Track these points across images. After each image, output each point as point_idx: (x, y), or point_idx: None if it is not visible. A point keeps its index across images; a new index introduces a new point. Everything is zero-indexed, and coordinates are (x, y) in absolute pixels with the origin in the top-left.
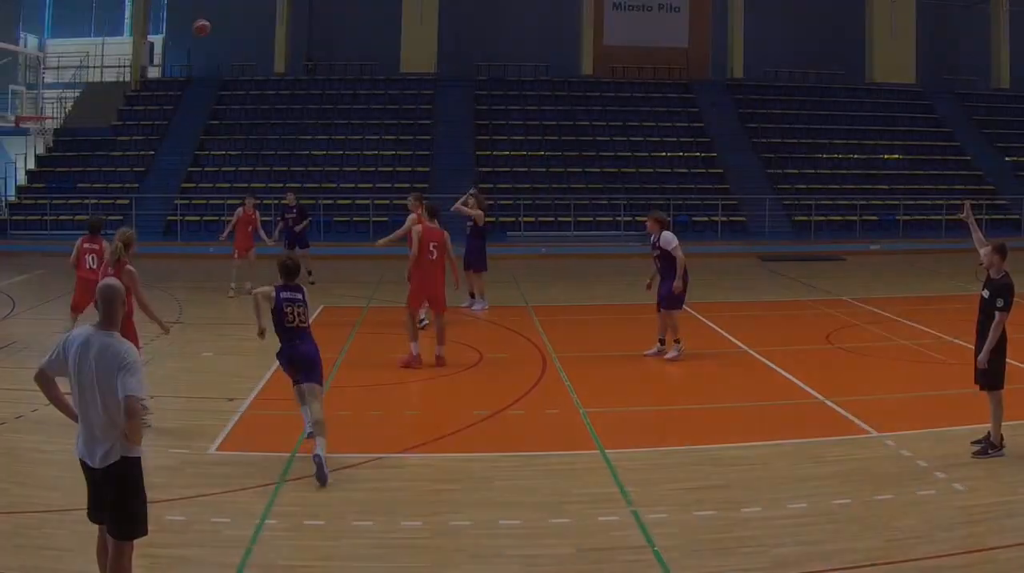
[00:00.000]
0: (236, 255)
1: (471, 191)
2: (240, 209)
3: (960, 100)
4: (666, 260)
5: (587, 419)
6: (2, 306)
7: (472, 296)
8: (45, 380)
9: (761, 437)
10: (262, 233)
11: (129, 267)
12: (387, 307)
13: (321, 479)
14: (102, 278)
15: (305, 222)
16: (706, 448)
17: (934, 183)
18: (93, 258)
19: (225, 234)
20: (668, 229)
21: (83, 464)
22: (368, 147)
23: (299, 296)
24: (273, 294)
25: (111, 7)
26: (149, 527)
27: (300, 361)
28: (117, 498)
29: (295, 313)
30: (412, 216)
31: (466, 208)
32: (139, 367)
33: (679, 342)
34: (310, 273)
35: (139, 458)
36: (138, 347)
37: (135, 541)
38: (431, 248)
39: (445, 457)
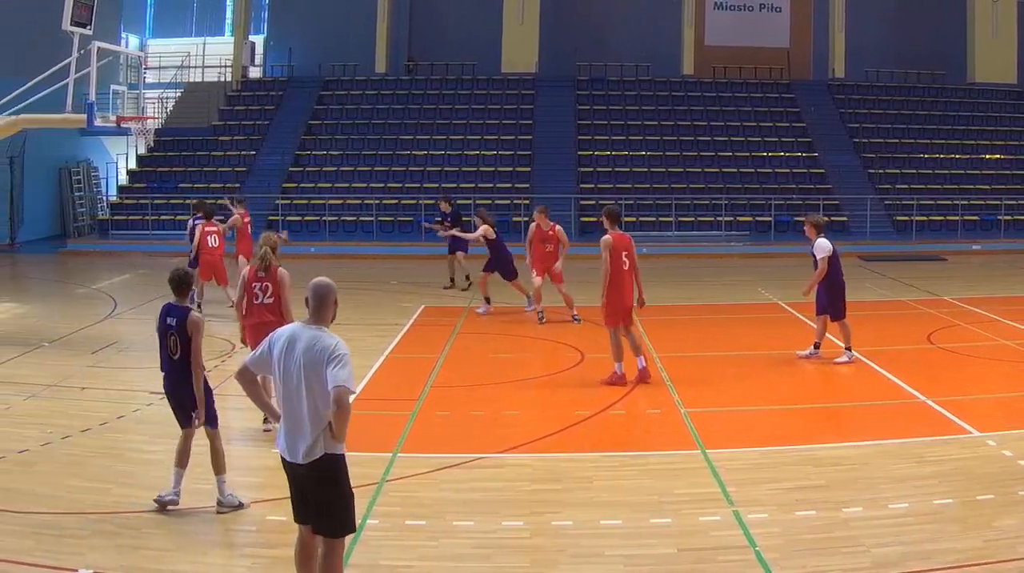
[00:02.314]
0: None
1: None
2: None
3: None
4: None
5: (688, 419)
6: (103, 306)
7: (528, 298)
8: (247, 378)
9: (862, 437)
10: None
11: (282, 270)
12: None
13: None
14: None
15: (454, 227)
16: (807, 448)
17: None
18: (214, 238)
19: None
20: (823, 233)
21: (284, 461)
22: (469, 147)
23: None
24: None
25: (212, 7)
26: (251, 527)
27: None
28: (321, 495)
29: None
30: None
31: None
32: (349, 360)
33: (849, 349)
34: (467, 277)
35: (343, 455)
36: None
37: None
38: (623, 258)
39: (546, 457)
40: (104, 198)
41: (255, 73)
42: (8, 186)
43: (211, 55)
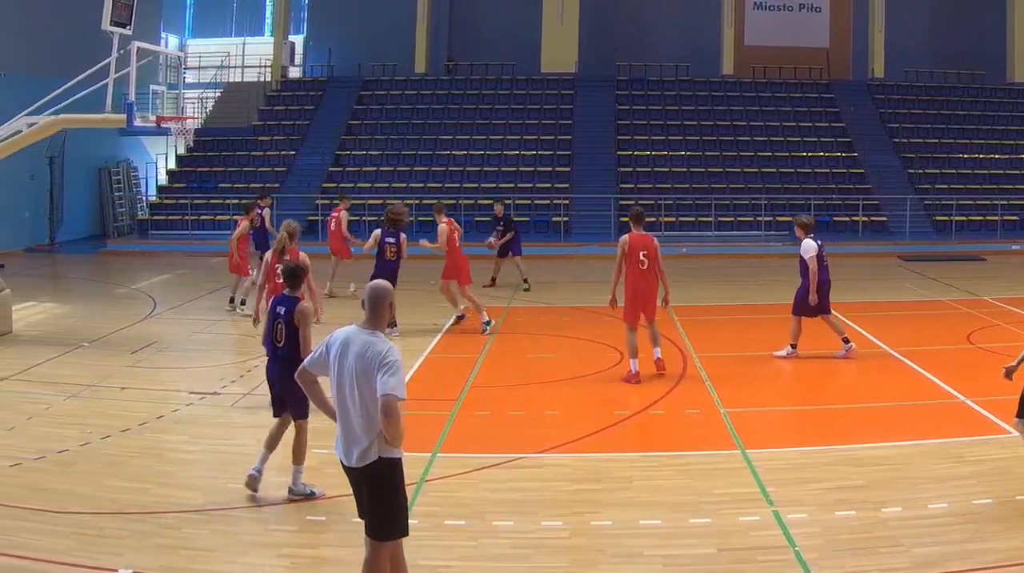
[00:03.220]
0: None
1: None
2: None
3: None
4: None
5: (728, 419)
6: (143, 306)
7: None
8: (307, 379)
9: (901, 437)
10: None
11: (302, 253)
12: (527, 308)
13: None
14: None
15: (509, 234)
16: (846, 448)
17: None
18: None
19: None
20: (810, 234)
21: (342, 464)
22: (508, 147)
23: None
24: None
25: (252, 7)
26: (291, 527)
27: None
28: (373, 498)
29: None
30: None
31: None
32: (400, 367)
33: (794, 346)
34: (525, 280)
35: (399, 459)
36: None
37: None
38: (641, 257)
39: (586, 457)
40: (144, 198)
41: (295, 73)
42: (48, 186)
43: (251, 55)
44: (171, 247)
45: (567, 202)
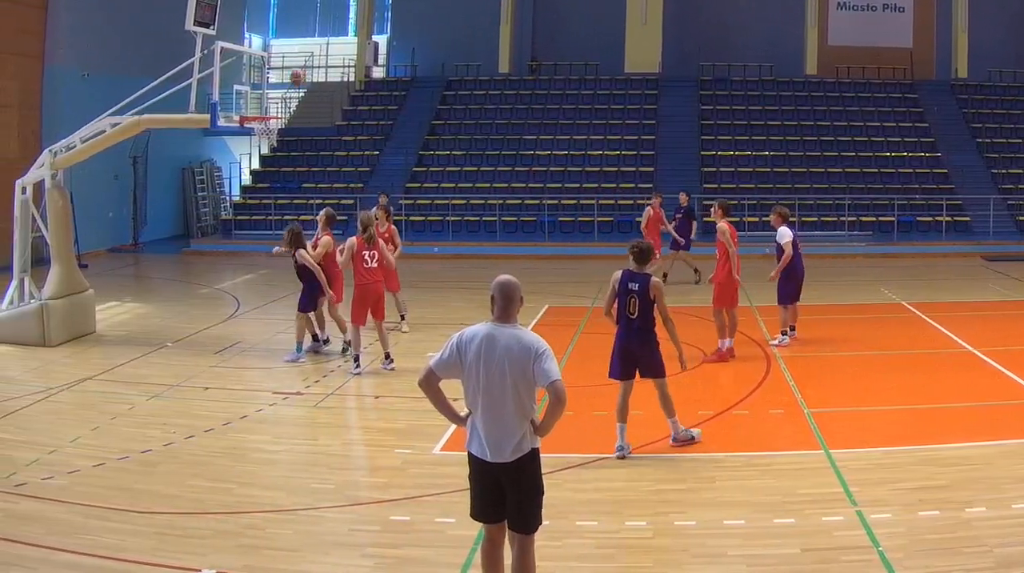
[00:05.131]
0: None
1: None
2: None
3: None
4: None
5: (811, 419)
6: (227, 306)
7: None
8: (432, 382)
9: (984, 437)
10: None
11: (380, 242)
12: None
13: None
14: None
15: (692, 220)
16: (929, 448)
17: None
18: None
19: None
20: (786, 223)
21: (480, 463)
22: (592, 147)
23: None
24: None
25: (335, 8)
26: (375, 527)
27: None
28: (523, 491)
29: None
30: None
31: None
32: (552, 354)
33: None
34: (696, 270)
35: (539, 449)
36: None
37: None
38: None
39: (669, 457)
40: (227, 198)
41: (378, 73)
42: (131, 186)
43: (334, 55)
44: (255, 247)
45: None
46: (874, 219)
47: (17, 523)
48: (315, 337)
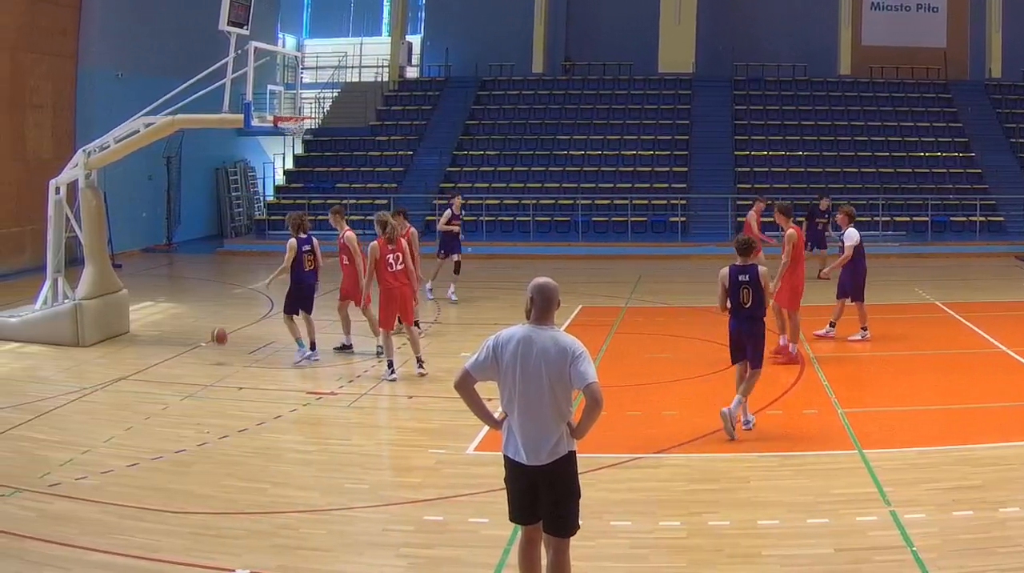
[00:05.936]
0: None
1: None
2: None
3: None
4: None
5: (845, 419)
6: (260, 306)
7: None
8: (468, 383)
9: (1018, 437)
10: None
11: (402, 241)
12: (645, 308)
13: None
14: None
15: (824, 222)
16: (963, 448)
17: None
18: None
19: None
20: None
21: (516, 465)
22: (626, 147)
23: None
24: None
25: (369, 8)
26: (408, 527)
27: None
28: (559, 494)
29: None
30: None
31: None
32: (589, 357)
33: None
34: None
35: (576, 452)
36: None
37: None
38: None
39: (703, 457)
40: (261, 198)
41: (412, 73)
42: (165, 186)
43: (368, 55)
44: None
45: (684, 202)
46: (908, 219)
47: (51, 523)
48: (297, 340)
